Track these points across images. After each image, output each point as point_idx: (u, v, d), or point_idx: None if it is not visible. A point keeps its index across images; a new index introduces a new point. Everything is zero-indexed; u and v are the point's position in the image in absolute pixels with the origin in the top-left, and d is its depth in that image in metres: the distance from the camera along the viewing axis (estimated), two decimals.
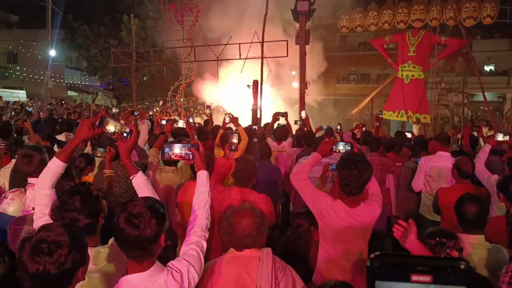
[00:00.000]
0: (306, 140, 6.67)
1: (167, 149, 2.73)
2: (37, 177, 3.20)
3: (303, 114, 8.69)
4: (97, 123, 2.59)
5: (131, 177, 2.73)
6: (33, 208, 3.31)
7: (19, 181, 4.05)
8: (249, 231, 2.49)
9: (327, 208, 3.15)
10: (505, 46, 28.62)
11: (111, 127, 2.63)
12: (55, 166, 2.54)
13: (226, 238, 2.58)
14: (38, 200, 2.51)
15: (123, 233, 1.99)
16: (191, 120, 6.41)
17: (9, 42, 35.80)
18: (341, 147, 3.70)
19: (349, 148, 3.70)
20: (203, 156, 2.73)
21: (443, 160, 5.36)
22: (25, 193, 3.48)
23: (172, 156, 2.74)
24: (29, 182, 3.56)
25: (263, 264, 2.49)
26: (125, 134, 2.65)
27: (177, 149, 2.73)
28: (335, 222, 3.13)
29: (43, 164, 3.49)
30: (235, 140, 4.11)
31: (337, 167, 3.18)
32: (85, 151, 5.41)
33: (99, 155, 4.45)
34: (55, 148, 6.90)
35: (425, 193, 5.50)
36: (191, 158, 2.73)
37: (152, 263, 2.08)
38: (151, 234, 1.99)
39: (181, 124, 5.85)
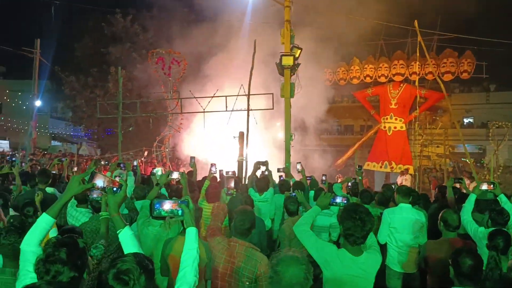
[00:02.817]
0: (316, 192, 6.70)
1: (157, 205, 2.69)
2: None
3: (299, 167, 8.85)
4: (87, 178, 2.60)
5: (118, 231, 2.71)
6: None
7: None
8: (297, 279, 2.44)
9: (333, 257, 3.25)
10: (482, 99, 29.58)
11: (100, 182, 2.64)
12: (44, 222, 2.50)
13: (273, 287, 2.52)
14: (23, 256, 2.42)
15: None
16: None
17: None
18: (339, 200, 3.93)
19: (345, 201, 3.90)
20: (193, 212, 2.72)
21: (404, 212, 5.54)
22: None
23: (162, 213, 2.70)
24: None
25: None
26: (114, 189, 2.66)
27: (167, 205, 2.70)
28: (340, 270, 3.21)
29: None
30: (232, 184, 4.11)
31: (341, 218, 3.31)
32: None
33: (95, 196, 4.33)
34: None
35: (390, 245, 5.58)
36: (180, 214, 2.71)
37: None
38: None
39: (175, 176, 5.79)
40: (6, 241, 2.85)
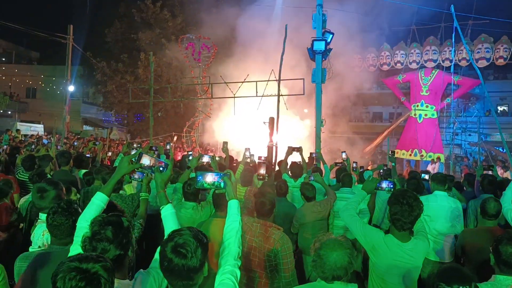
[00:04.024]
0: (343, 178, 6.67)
1: (200, 177, 2.77)
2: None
3: (344, 155, 8.85)
4: (135, 159, 2.75)
5: (161, 207, 2.83)
6: (39, 247, 3.29)
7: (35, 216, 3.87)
8: (341, 263, 2.46)
9: (380, 243, 3.25)
10: None
11: (147, 161, 2.79)
12: (99, 200, 2.62)
13: (317, 271, 2.53)
14: (78, 232, 2.51)
15: (171, 263, 2.03)
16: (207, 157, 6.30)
17: (29, 77, 36.87)
18: (385, 185, 3.96)
19: (391, 186, 3.92)
20: (235, 185, 2.78)
21: (440, 200, 5.42)
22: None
23: (205, 185, 2.79)
24: (39, 218, 3.49)
25: None
26: (161, 168, 2.81)
27: (210, 177, 2.78)
28: (388, 257, 3.21)
29: (57, 199, 3.45)
30: (263, 171, 4.18)
31: (389, 202, 3.30)
32: None
33: (136, 176, 4.49)
34: None
35: None
36: (222, 186, 2.77)
37: None
38: (197, 263, 2.04)
39: (206, 159, 5.87)
40: (53, 222, 2.95)
